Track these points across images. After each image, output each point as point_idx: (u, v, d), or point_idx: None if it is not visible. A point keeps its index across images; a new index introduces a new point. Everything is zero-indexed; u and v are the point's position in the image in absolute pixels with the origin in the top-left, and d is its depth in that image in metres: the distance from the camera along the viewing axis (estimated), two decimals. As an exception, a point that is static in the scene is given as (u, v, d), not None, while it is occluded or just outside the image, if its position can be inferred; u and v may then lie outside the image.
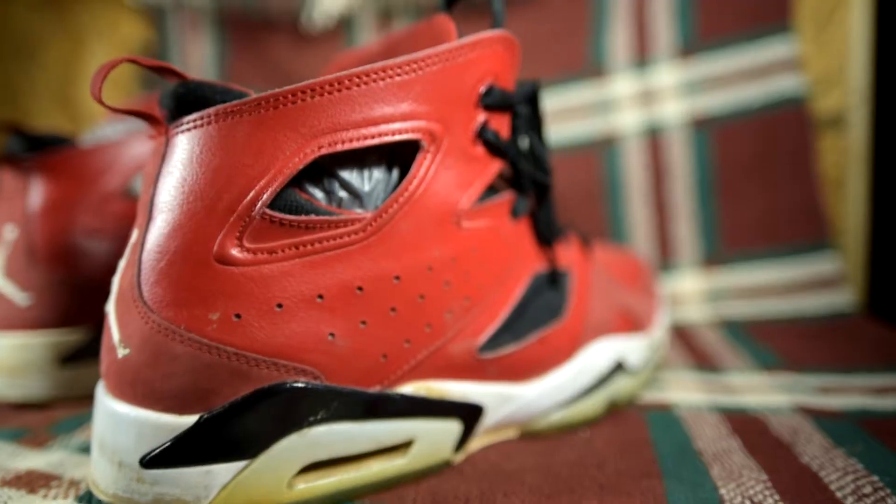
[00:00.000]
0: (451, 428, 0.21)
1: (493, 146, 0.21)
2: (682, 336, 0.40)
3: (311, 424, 0.18)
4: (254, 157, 0.17)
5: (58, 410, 0.26)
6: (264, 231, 0.18)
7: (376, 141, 0.18)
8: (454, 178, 0.20)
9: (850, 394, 0.28)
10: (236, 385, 0.17)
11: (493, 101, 0.21)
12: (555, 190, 0.48)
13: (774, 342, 0.37)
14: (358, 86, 0.18)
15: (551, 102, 0.48)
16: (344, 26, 0.55)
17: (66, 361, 0.27)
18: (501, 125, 0.21)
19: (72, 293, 0.27)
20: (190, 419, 0.17)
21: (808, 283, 0.42)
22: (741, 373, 0.32)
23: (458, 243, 0.20)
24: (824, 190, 0.44)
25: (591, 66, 0.48)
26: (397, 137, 0.18)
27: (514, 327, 0.23)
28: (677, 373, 0.32)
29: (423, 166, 0.19)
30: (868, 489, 0.19)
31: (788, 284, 0.42)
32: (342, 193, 0.19)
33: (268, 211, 0.17)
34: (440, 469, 0.22)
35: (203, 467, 0.17)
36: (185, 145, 0.18)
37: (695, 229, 0.45)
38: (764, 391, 0.29)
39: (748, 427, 0.25)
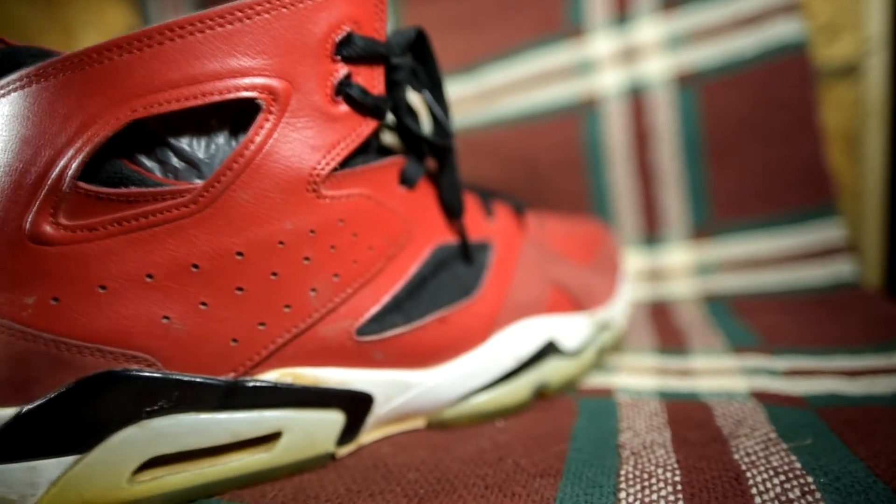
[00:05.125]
0: (329, 418, 0.19)
1: (360, 104, 0.19)
2: (658, 314, 0.36)
3: (149, 415, 0.17)
4: (60, 124, 0.16)
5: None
6: (83, 206, 0.16)
7: (200, 101, 0.16)
8: (307, 141, 0.18)
9: (822, 377, 0.24)
10: (58, 374, 0.16)
11: (355, 51, 0.18)
12: (529, 158, 0.44)
13: (759, 319, 0.33)
14: (171, 40, 0.16)
15: (527, 67, 0.45)
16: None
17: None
18: (372, 80, 0.19)
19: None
20: (9, 412, 0.16)
21: (810, 253, 0.38)
22: (707, 355, 0.28)
23: (317, 214, 0.18)
24: (829, 148, 0.39)
25: (568, 26, 0.44)
26: (228, 96, 0.16)
27: (405, 307, 0.21)
28: (635, 355, 0.29)
29: (263, 128, 0.17)
30: (794, 493, 0.16)
31: (787, 254, 0.38)
32: (176, 163, 0.17)
33: (82, 184, 0.16)
34: (322, 463, 0.20)
35: (27, 463, 0.16)
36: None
37: (683, 197, 0.41)
38: (724, 375, 0.25)
39: (689, 417, 0.22)
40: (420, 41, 0.20)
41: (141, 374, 0.17)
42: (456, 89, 0.48)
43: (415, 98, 0.22)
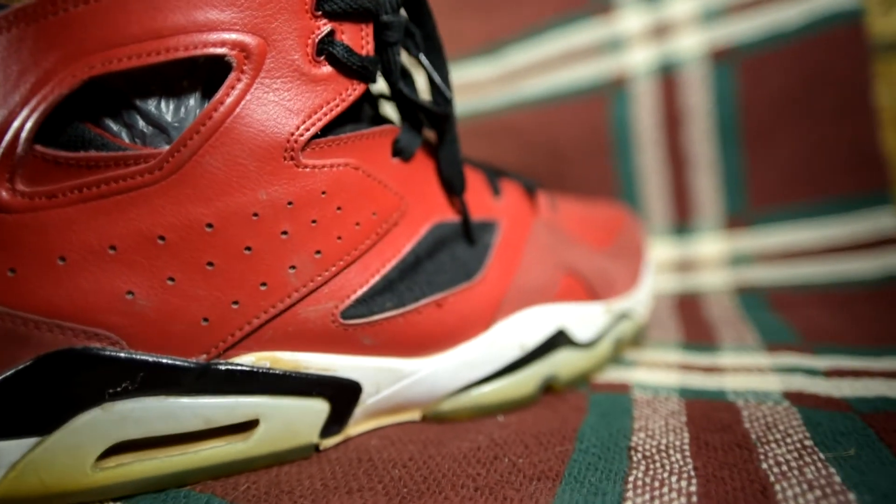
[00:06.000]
0: (311, 407, 0.18)
1: (344, 64, 0.17)
2: (686, 306, 0.34)
3: (113, 398, 0.16)
4: (14, 82, 0.14)
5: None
6: (42, 172, 0.15)
7: (163, 58, 0.15)
8: (285, 104, 0.16)
9: (869, 378, 0.21)
10: (15, 351, 0.15)
11: (338, 6, 0.17)
12: (553, 142, 0.42)
13: (798, 313, 0.30)
14: (132, -12, 0.14)
15: (551, 46, 0.42)
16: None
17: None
18: (359, 39, 0.17)
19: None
20: (-34, 389, 0.15)
21: (859, 243, 0.34)
22: (737, 351, 0.26)
23: (295, 184, 0.17)
24: (883, 130, 0.35)
25: (596, 2, 0.41)
26: (194, 53, 0.15)
27: (397, 289, 0.19)
28: (657, 349, 0.27)
29: (235, 89, 0.16)
30: (831, 511, 0.14)
31: (832, 245, 0.35)
32: (143, 126, 0.16)
33: (39, 148, 0.15)
34: (305, 454, 0.18)
35: (-16, 444, 0.15)
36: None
37: (717, 183, 0.38)
38: (755, 373, 0.23)
39: (712, 418, 0.19)
40: (414, -2, 0.18)
41: (102, 352, 0.15)
42: (477, 71, 0.46)
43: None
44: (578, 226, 0.26)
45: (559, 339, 0.22)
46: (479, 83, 0.46)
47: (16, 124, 0.14)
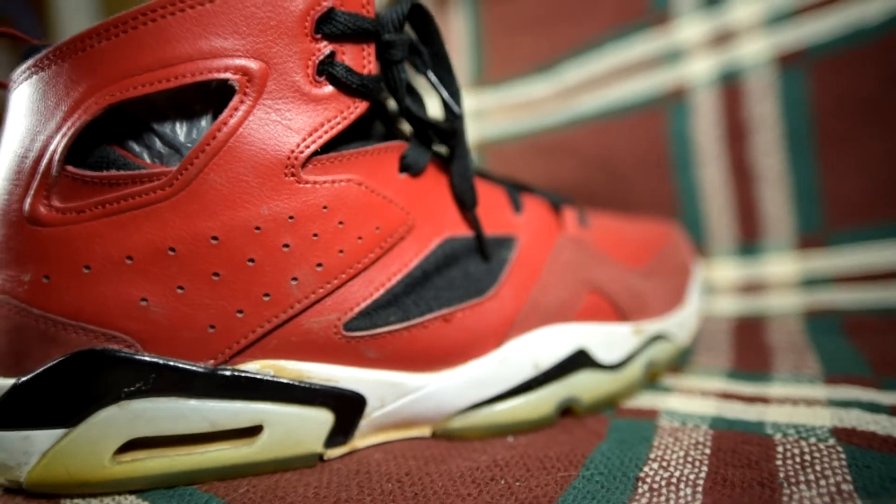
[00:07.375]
0: (314, 417, 0.18)
1: (345, 84, 0.18)
2: (746, 331, 0.31)
3: (128, 397, 0.17)
4: (52, 112, 0.16)
5: None
6: (72, 190, 0.17)
7: (172, 84, 0.16)
8: (286, 123, 0.17)
9: (940, 417, 0.18)
10: (46, 349, 0.17)
11: (338, 28, 0.17)
12: (610, 158, 0.41)
13: (872, 340, 0.26)
14: (145, 24, 0.16)
15: (607, 60, 0.41)
16: None
17: None
18: (361, 59, 0.18)
19: None
20: (7, 382, 0.17)
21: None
22: (789, 382, 0.23)
23: (296, 199, 0.17)
24: None
25: (653, 13, 0.40)
26: (200, 78, 0.16)
27: (403, 303, 0.19)
28: (699, 375, 0.25)
29: (238, 110, 0.17)
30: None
31: (924, 267, 0.31)
32: (161, 147, 0.17)
33: (70, 168, 0.16)
34: (310, 463, 0.19)
35: (21, 432, 0.17)
36: (8, 107, 0.18)
37: (787, 198, 0.35)
38: (804, 405, 0.21)
39: (740, 452, 0.18)
40: (418, 16, 0.19)
41: (118, 353, 0.17)
42: (534, 88, 0.46)
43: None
44: (611, 243, 0.25)
45: (580, 360, 0.21)
46: (536, 101, 0.46)
47: (51, 148, 0.16)
